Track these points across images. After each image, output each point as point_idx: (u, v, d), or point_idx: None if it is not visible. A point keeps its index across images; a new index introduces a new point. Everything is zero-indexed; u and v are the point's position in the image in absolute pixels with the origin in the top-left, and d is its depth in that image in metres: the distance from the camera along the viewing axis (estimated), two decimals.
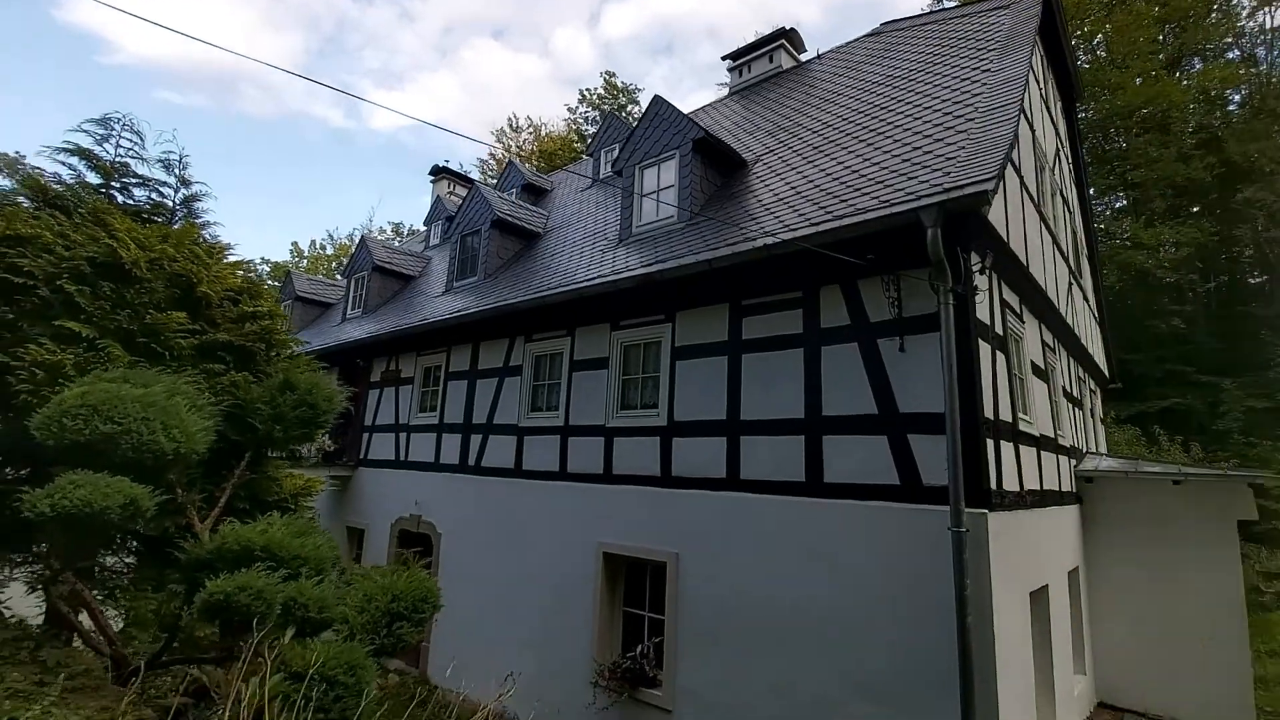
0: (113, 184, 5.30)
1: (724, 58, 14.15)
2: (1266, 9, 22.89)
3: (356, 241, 41.36)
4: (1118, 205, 25.48)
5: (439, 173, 19.09)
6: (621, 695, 6.52)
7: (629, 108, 37.21)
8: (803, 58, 13.43)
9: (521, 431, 8.62)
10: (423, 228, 20.14)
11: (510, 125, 37.70)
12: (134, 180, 5.46)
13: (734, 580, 6.11)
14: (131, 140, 5.40)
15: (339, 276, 35.90)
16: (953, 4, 22.88)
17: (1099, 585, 8.34)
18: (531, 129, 38.45)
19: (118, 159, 5.33)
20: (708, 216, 7.66)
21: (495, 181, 18.18)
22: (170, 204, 5.57)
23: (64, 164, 5.08)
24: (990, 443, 5.22)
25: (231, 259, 5.36)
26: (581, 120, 37.57)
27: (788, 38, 13.17)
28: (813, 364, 5.98)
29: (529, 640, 7.81)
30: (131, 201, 5.47)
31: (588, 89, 39.16)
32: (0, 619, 4.07)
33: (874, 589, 5.30)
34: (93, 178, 5.20)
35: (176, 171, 5.56)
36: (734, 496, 6.26)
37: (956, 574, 4.70)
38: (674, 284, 6.99)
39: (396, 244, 22.55)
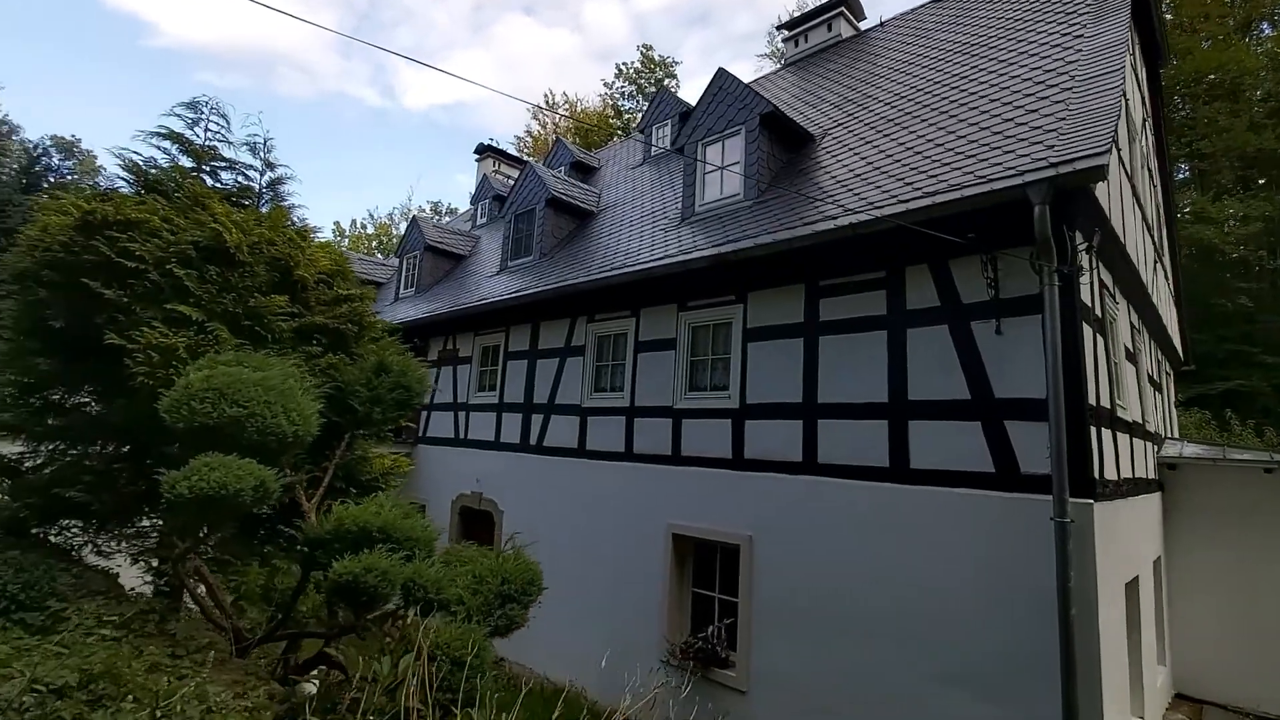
0: (203, 168, 5.36)
1: (779, 27, 13.71)
2: None
3: (397, 221, 41.81)
4: (1181, 177, 24.26)
5: (484, 151, 19.05)
6: (694, 675, 6.56)
7: (666, 81, 36.55)
8: (862, 26, 12.93)
9: (585, 412, 8.64)
10: (468, 206, 20.20)
11: (547, 102, 37.35)
12: (221, 164, 5.52)
13: (811, 564, 6.05)
14: (219, 124, 5.46)
15: (379, 255, 36.38)
16: None
17: (1179, 575, 8.07)
18: (568, 105, 38.08)
19: (207, 143, 5.38)
20: (786, 190, 7.44)
21: (543, 160, 18.10)
22: (256, 187, 5.62)
23: (158, 148, 5.15)
24: (1093, 430, 5.02)
25: (317, 241, 5.40)
26: (618, 95, 37.04)
27: (847, 5, 12.67)
28: (897, 347, 5.81)
29: (595, 618, 7.90)
30: (219, 185, 5.53)
31: (624, 63, 38.52)
32: (122, 593, 4.23)
33: (964, 578, 5.18)
34: (185, 161, 5.26)
35: (262, 154, 5.60)
36: (811, 480, 6.17)
37: (1059, 565, 4.55)
38: (746, 264, 6.84)
39: (443, 223, 22.65)
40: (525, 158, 21.49)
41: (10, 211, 15.46)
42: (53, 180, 17.97)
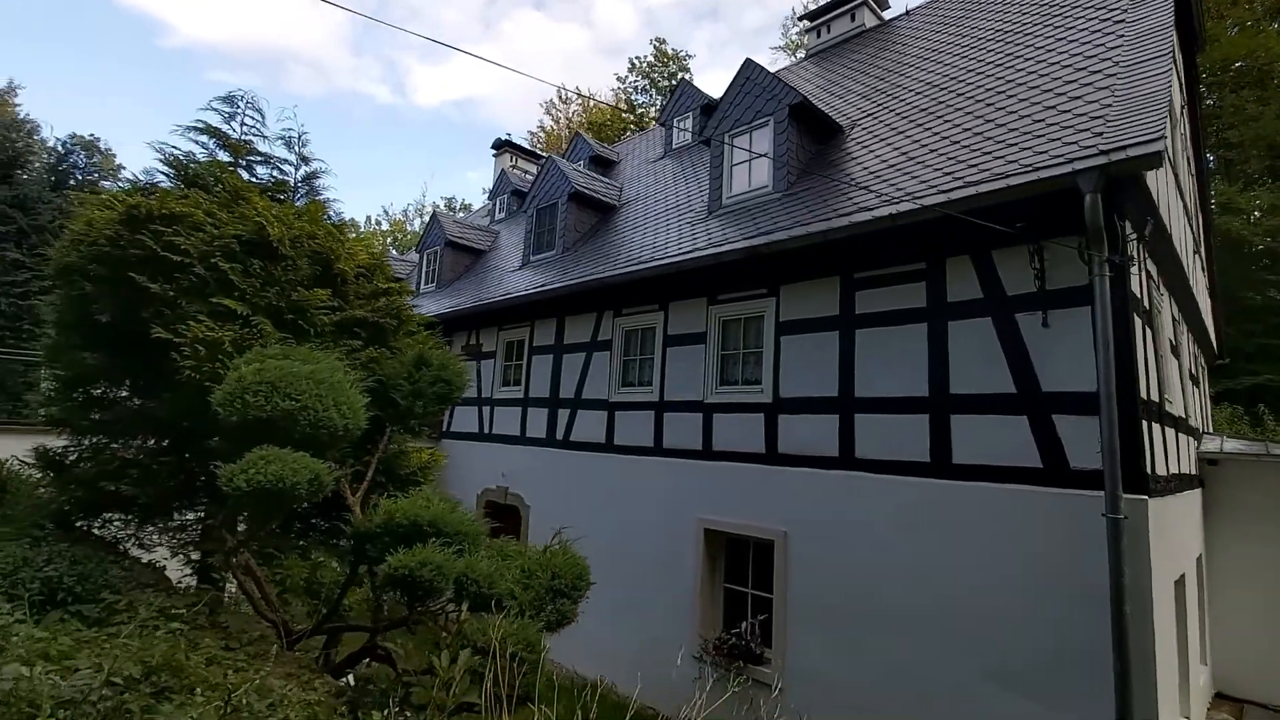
0: (239, 162, 5.36)
1: (801, 18, 13.57)
2: None
3: (411, 217, 41.97)
4: (1208, 167, 23.73)
5: (501, 146, 19.03)
6: (728, 671, 6.51)
7: (680, 75, 36.34)
8: (886, 15, 12.74)
9: (613, 407, 8.60)
10: (482, 202, 20.20)
11: (560, 97, 37.30)
12: (257, 159, 5.51)
13: (848, 560, 5.98)
14: (254, 118, 5.45)
15: (394, 251, 36.53)
16: None
17: (1219, 572, 7.91)
18: (580, 100, 37.98)
19: (243, 137, 5.37)
20: (819, 181, 7.33)
21: (563, 154, 18.06)
22: (292, 181, 5.62)
23: (196, 142, 5.15)
24: (1144, 425, 4.90)
25: (353, 236, 5.38)
26: (631, 90, 36.89)
27: None
28: (938, 339, 5.71)
29: (624, 613, 7.87)
30: (255, 179, 5.53)
31: (637, 57, 38.40)
32: (171, 585, 4.25)
33: (1008, 574, 5.09)
34: (222, 156, 5.26)
35: (297, 149, 5.59)
36: (848, 475, 6.09)
37: (1113, 563, 4.45)
38: (779, 257, 6.76)
39: (458, 218, 22.69)
40: (542, 153, 21.43)
41: (40, 209, 15.65)
42: (79, 178, 18.20)
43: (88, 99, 51.87)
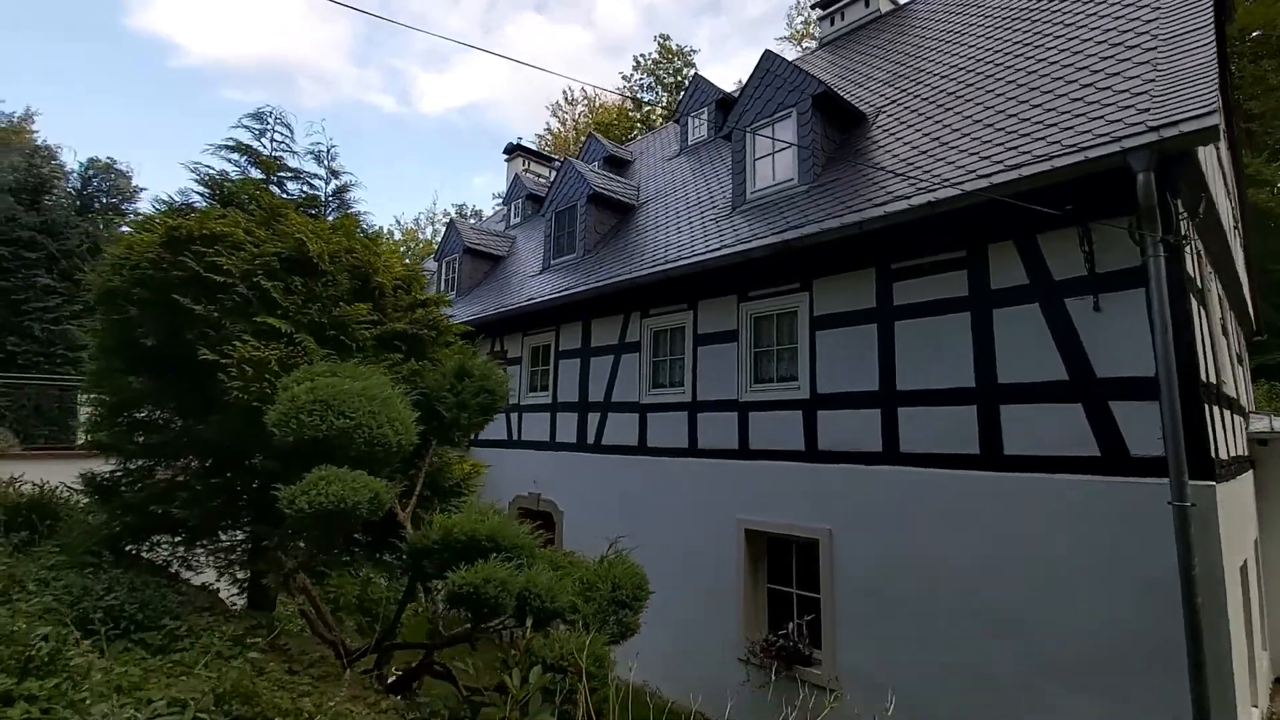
0: (271, 178, 5.34)
1: (813, 6, 13.39)
2: None
3: (422, 226, 42.13)
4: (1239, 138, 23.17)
5: (513, 151, 19.01)
6: (777, 673, 6.43)
7: (685, 71, 36.21)
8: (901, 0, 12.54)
9: (644, 409, 8.53)
10: (492, 207, 20.20)
11: (565, 98, 37.30)
12: (287, 174, 5.49)
13: (897, 557, 5.87)
14: (283, 134, 5.43)
15: (406, 261, 36.74)
16: None
17: (1273, 556, 7.70)
18: (586, 101, 37.95)
19: (274, 153, 5.35)
20: (849, 167, 7.19)
21: (577, 156, 17.97)
22: (322, 196, 5.59)
23: (228, 160, 5.14)
24: (1206, 408, 4.75)
25: (385, 248, 5.35)
26: (637, 88, 36.77)
27: None
28: (983, 328, 5.58)
29: (664, 616, 7.74)
30: (286, 195, 5.51)
31: (642, 55, 38.25)
32: (226, 608, 4.23)
33: (1068, 567, 4.96)
34: (254, 173, 5.25)
35: (326, 163, 5.57)
36: (893, 471, 5.98)
37: (1181, 552, 4.31)
38: (811, 250, 6.65)
39: (474, 224, 22.72)
40: (553, 156, 21.40)
41: (69, 234, 15.83)
42: (104, 202, 18.45)
43: (103, 123, 52.65)
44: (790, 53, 28.57)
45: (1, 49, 45.22)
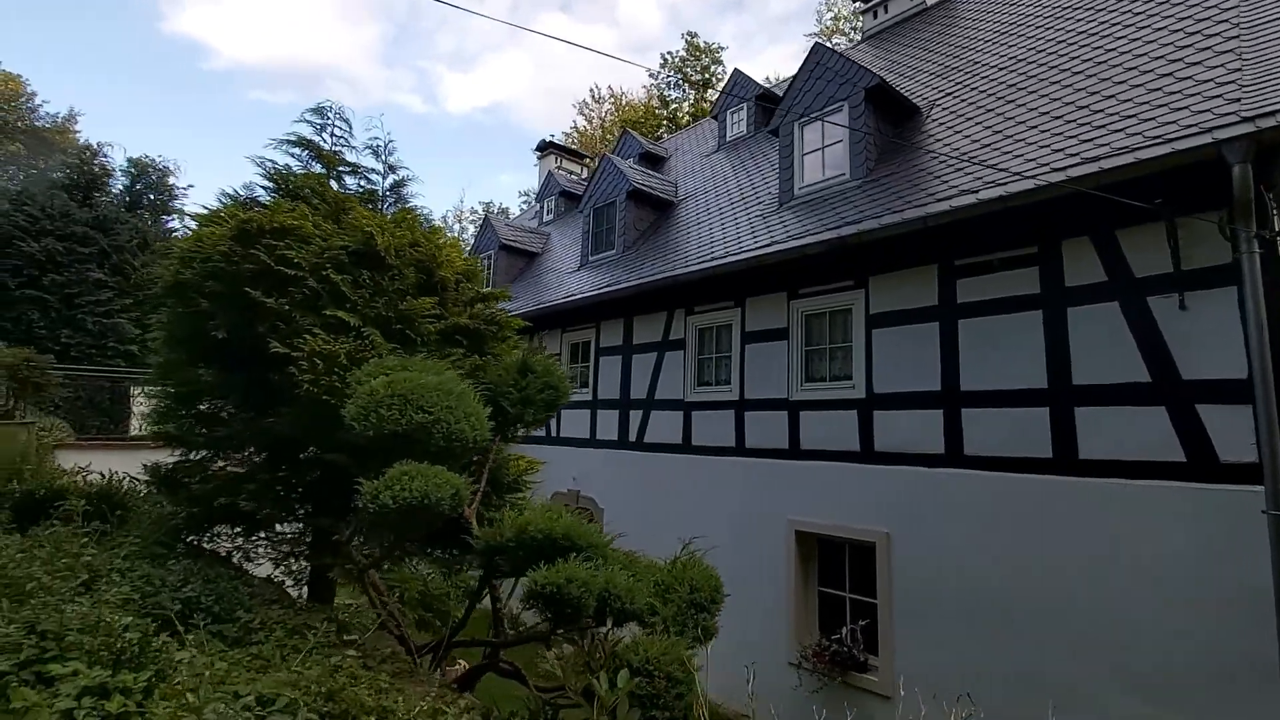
0: (330, 173, 5.34)
1: None
2: None
3: (450, 224, 42.46)
4: None
5: (545, 148, 19.00)
6: (832, 679, 6.29)
7: (712, 69, 36.00)
8: None
9: (689, 407, 8.42)
10: (519, 204, 20.21)
11: (593, 96, 37.28)
12: (346, 169, 5.49)
13: (960, 563, 5.69)
14: (342, 128, 5.42)
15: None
16: None
17: None
18: (613, 99, 37.93)
19: (334, 147, 5.35)
20: (905, 161, 7.00)
21: (609, 153, 17.87)
22: (380, 190, 5.58)
23: (290, 154, 5.14)
24: None
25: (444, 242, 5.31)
26: (664, 85, 36.63)
27: None
28: (1055, 327, 5.37)
29: None
30: (344, 190, 5.50)
31: (669, 52, 38.09)
32: (294, 601, 4.23)
33: (1149, 578, 4.75)
34: (315, 168, 5.25)
35: (384, 157, 5.55)
36: (957, 474, 5.80)
37: (1276, 563, 4.09)
38: (867, 247, 6.48)
39: (508, 221, 22.78)
40: (585, 153, 21.37)
41: (119, 230, 16.20)
42: (151, 199, 18.89)
43: (141, 124, 53.98)
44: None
45: (45, 51, 46.61)
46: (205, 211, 4.71)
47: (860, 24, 13.21)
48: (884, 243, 6.33)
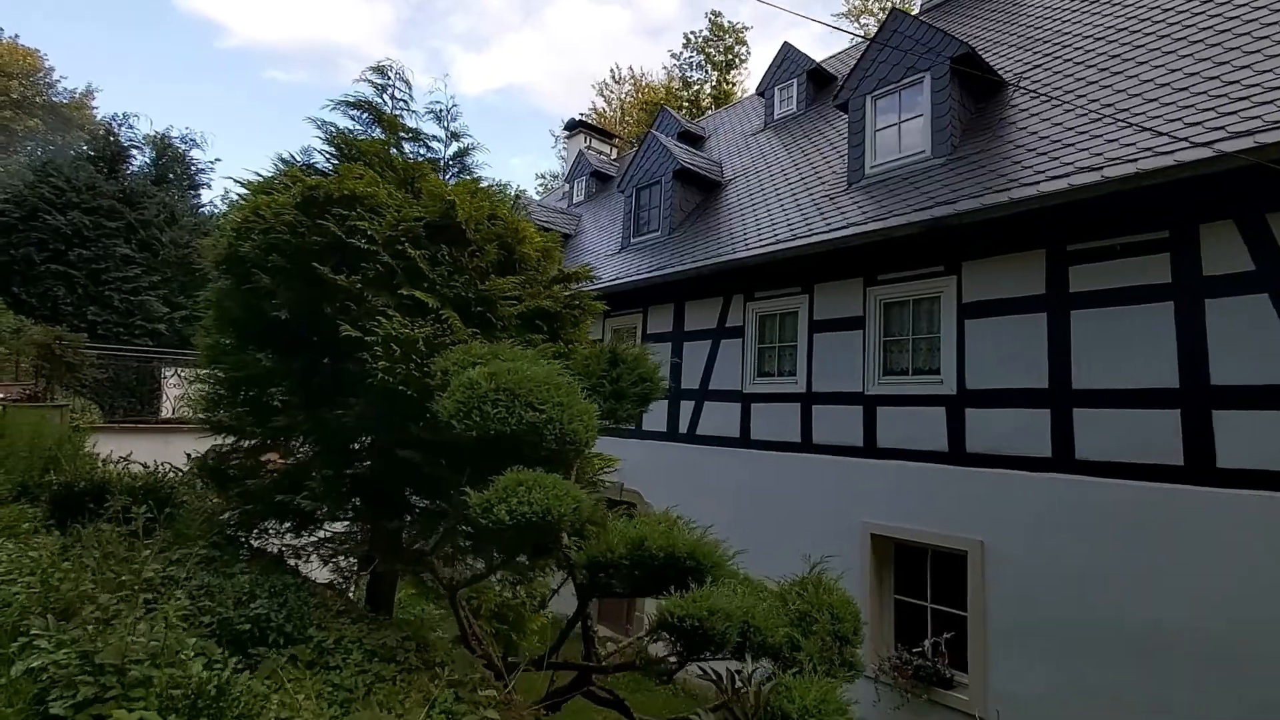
0: (390, 138, 4.85)
1: None
2: None
3: None
4: None
5: (575, 126, 18.39)
6: (915, 695, 5.85)
7: (736, 49, 35.10)
8: None
9: (747, 398, 7.95)
10: (552, 185, 19.63)
11: (613, 77, 36.47)
12: (405, 135, 4.98)
13: (1070, 577, 5.21)
14: (403, 90, 4.91)
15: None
16: None
17: None
18: (633, 80, 37.10)
19: (395, 110, 4.85)
20: (1017, 132, 6.41)
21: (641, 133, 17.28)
22: (441, 159, 5.08)
23: (351, 117, 4.65)
24: None
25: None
26: (686, 66, 35.76)
27: None
28: (1189, 320, 4.84)
29: None
30: (404, 157, 5.00)
31: (692, 32, 37.12)
32: (363, 614, 3.81)
33: None
34: (376, 132, 4.75)
35: (447, 123, 5.04)
36: (1067, 480, 5.30)
37: None
38: (960, 230, 5.95)
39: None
40: (613, 133, 20.73)
41: (146, 204, 15.74)
42: (178, 171, 18.44)
43: (155, 100, 53.42)
44: (849, 28, 27.30)
45: (62, 28, 46.07)
46: (258, 179, 4.25)
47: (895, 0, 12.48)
48: (980, 226, 5.79)
